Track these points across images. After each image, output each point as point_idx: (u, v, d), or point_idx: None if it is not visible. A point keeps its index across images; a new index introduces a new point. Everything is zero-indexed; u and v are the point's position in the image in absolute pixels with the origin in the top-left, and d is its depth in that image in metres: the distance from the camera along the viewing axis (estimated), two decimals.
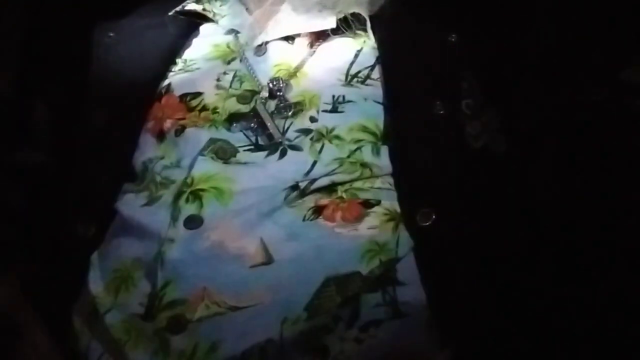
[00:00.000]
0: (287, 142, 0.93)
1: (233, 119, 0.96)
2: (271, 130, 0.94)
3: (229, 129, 0.96)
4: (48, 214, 1.04)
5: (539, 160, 0.96)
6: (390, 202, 0.90)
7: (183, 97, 1.01)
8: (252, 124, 0.95)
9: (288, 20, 1.02)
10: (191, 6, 1.11)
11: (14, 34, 1.27)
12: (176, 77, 1.04)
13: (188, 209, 0.88)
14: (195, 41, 1.09)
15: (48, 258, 1.00)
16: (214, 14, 1.10)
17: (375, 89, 0.97)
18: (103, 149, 1.02)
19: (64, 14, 1.23)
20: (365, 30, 1.02)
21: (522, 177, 0.94)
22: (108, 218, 0.97)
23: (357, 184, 0.91)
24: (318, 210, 0.88)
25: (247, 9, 1.07)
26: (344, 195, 0.90)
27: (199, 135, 0.95)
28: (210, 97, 0.99)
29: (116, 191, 0.98)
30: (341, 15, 1.01)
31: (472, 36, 0.99)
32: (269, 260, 0.85)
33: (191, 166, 0.92)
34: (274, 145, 0.93)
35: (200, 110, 0.98)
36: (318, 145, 0.92)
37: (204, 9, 1.10)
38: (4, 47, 1.26)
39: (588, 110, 0.99)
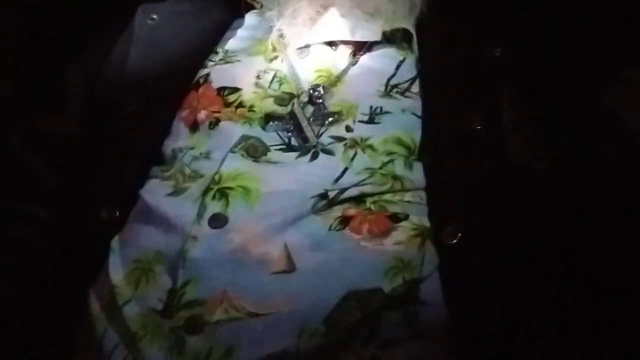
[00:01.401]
0: (320, 146, 0.92)
1: (269, 118, 0.96)
2: (307, 133, 0.93)
3: (263, 128, 0.95)
4: (74, 194, 1.03)
5: (581, 179, 0.93)
6: (419, 217, 0.89)
7: (221, 90, 1.00)
8: (288, 126, 0.95)
9: (334, 26, 1.01)
10: None
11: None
12: (216, 68, 1.03)
13: (214, 206, 0.88)
14: (239, 32, 1.08)
15: (69, 238, 0.99)
16: (261, 6, 1.09)
17: (414, 101, 0.96)
18: (135, 133, 1.01)
19: None
20: (409, 44, 1.01)
21: (562, 195, 0.91)
22: (132, 203, 0.96)
23: (387, 197, 0.90)
24: (345, 221, 0.87)
25: (295, 9, 1.05)
26: (372, 207, 0.89)
27: (232, 130, 0.95)
28: (248, 94, 0.99)
29: (144, 177, 0.98)
30: (387, 28, 1.00)
31: (517, 49, 0.97)
32: (291, 268, 0.84)
33: (221, 162, 0.91)
34: (306, 148, 0.93)
35: (237, 107, 0.98)
36: (351, 152, 0.92)
37: None
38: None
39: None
